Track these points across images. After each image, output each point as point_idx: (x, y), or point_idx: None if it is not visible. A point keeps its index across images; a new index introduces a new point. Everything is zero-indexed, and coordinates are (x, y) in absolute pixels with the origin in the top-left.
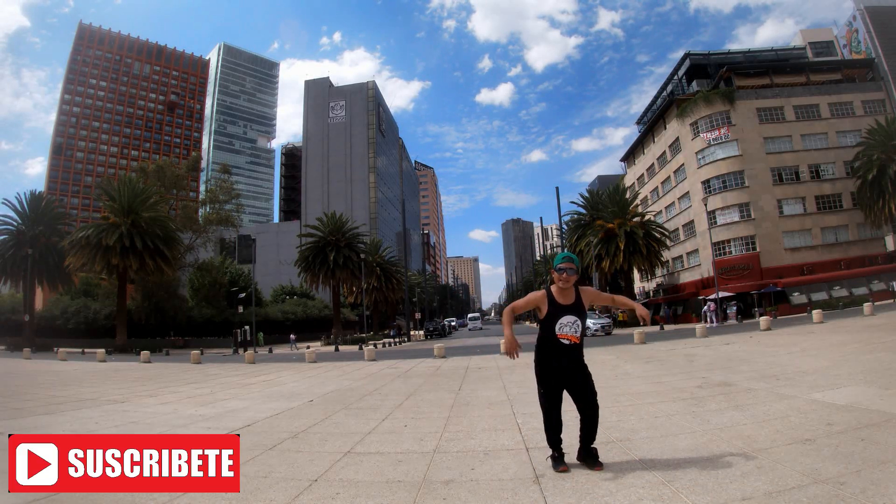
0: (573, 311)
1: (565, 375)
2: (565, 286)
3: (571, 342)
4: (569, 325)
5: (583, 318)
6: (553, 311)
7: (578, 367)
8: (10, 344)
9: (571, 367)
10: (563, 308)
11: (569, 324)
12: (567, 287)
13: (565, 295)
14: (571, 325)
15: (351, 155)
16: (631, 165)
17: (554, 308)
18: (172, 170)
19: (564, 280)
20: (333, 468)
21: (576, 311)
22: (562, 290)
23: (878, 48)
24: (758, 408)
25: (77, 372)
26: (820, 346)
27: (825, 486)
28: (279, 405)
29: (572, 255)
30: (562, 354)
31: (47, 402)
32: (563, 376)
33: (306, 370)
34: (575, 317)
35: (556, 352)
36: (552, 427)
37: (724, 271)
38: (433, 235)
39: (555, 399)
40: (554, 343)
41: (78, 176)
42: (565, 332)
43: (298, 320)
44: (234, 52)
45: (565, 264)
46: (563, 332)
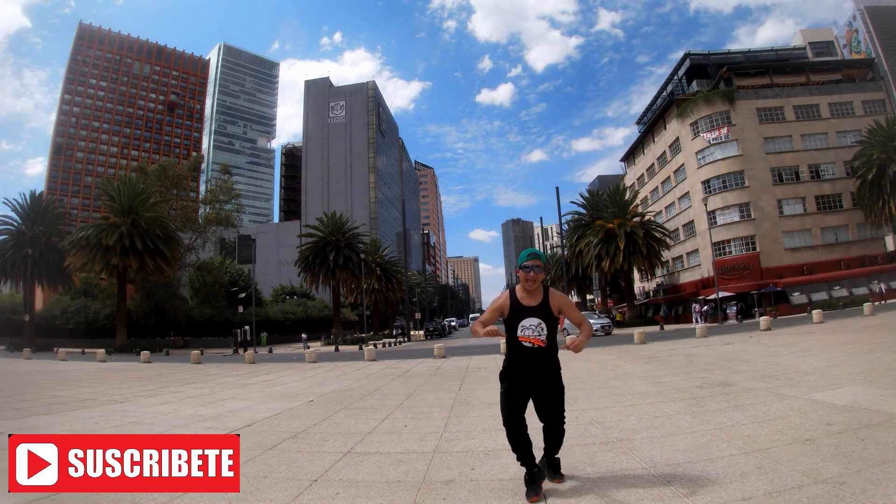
0: (537, 314)
1: (530, 384)
2: (531, 287)
3: (535, 345)
4: (531, 327)
5: (549, 321)
6: (514, 312)
7: (545, 376)
8: (10, 344)
9: (537, 374)
10: (525, 309)
11: (531, 326)
12: (534, 288)
13: (531, 296)
14: (535, 329)
15: (351, 155)
16: (631, 165)
17: (516, 309)
18: (174, 169)
19: (531, 280)
20: (333, 468)
21: (540, 314)
22: (527, 291)
23: (878, 48)
24: (758, 408)
25: (77, 372)
26: (820, 346)
27: (825, 486)
28: (279, 405)
29: (538, 252)
30: (525, 359)
31: (47, 402)
32: (527, 384)
33: (306, 370)
34: (539, 319)
35: (519, 356)
36: (515, 442)
37: (724, 271)
38: (433, 235)
39: (516, 408)
40: (516, 347)
41: (78, 176)
42: (527, 336)
43: (298, 320)
44: (234, 52)
45: (531, 261)
46: (524, 335)
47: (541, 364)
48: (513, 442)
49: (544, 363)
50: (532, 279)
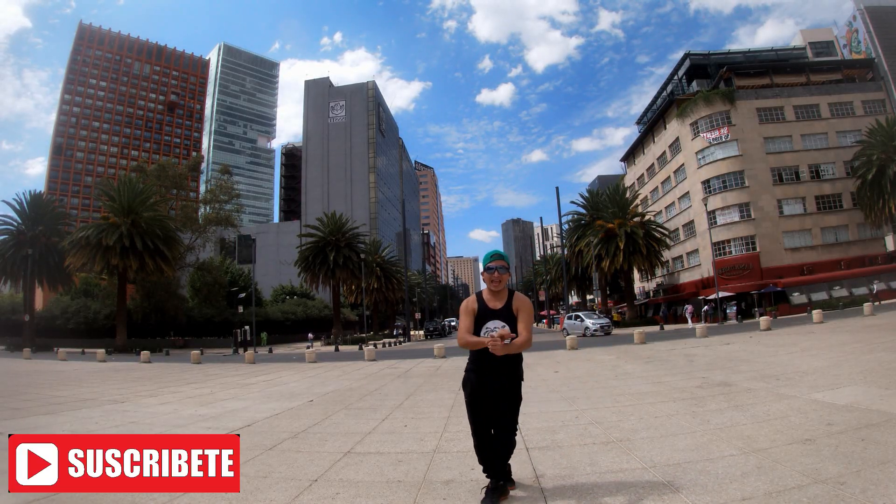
0: (501, 316)
1: (492, 387)
2: (497, 287)
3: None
4: (496, 330)
5: (514, 325)
6: (481, 315)
7: (506, 382)
8: (10, 344)
9: (500, 378)
10: (490, 312)
11: (495, 329)
12: (499, 289)
13: (496, 298)
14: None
15: (351, 155)
16: (631, 165)
17: (481, 312)
18: (173, 169)
19: (496, 281)
20: (333, 468)
21: (505, 317)
22: (493, 293)
23: (878, 48)
24: (758, 408)
25: (77, 372)
26: (820, 346)
27: (825, 486)
28: (279, 405)
29: (502, 253)
30: (487, 362)
31: (47, 401)
32: (490, 388)
33: (306, 370)
34: (503, 322)
35: (483, 360)
36: (480, 445)
37: (724, 271)
38: (433, 235)
39: (479, 409)
40: (480, 350)
41: (78, 176)
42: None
43: (298, 320)
44: (234, 52)
45: (495, 262)
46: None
47: (503, 371)
48: (479, 451)
49: (506, 370)
50: (497, 280)
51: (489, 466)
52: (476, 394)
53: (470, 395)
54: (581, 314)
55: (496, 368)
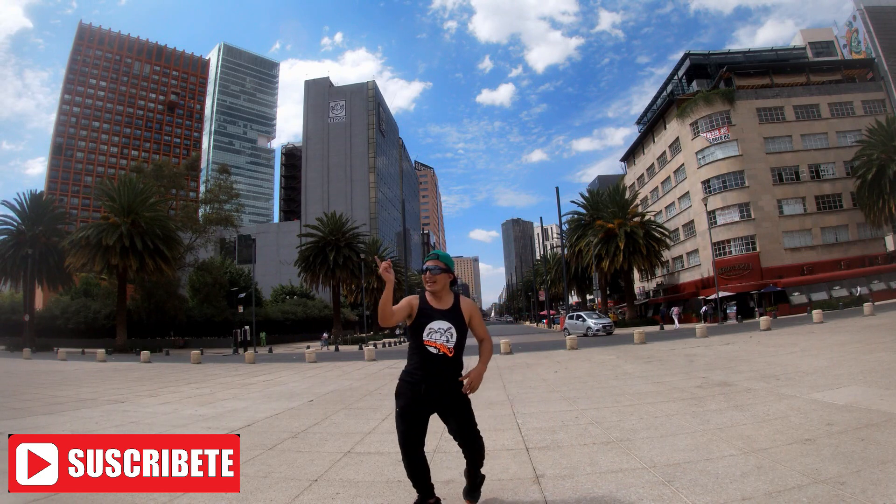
0: (447, 318)
1: (431, 396)
2: (432, 288)
3: (441, 352)
4: (440, 331)
5: (459, 328)
6: (422, 314)
7: (450, 389)
8: (10, 344)
9: (441, 385)
10: (434, 311)
11: (440, 330)
12: (436, 290)
13: (440, 300)
14: (443, 333)
15: (351, 155)
16: (631, 165)
17: (424, 311)
18: (170, 168)
19: (430, 281)
20: (333, 468)
21: (451, 319)
22: (433, 295)
23: (878, 48)
24: (758, 408)
25: (77, 372)
26: (820, 346)
27: (825, 486)
28: (279, 405)
29: (440, 253)
30: (427, 366)
31: (47, 401)
32: (428, 396)
33: (306, 370)
34: (449, 324)
35: (423, 362)
36: (410, 462)
37: (724, 271)
38: (433, 235)
39: (413, 423)
40: (421, 352)
41: (78, 176)
42: (434, 340)
43: (298, 320)
44: (234, 52)
45: (431, 262)
46: (431, 340)
47: (445, 376)
48: (409, 468)
49: (449, 376)
50: (430, 280)
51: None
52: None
53: (403, 406)
54: (583, 314)
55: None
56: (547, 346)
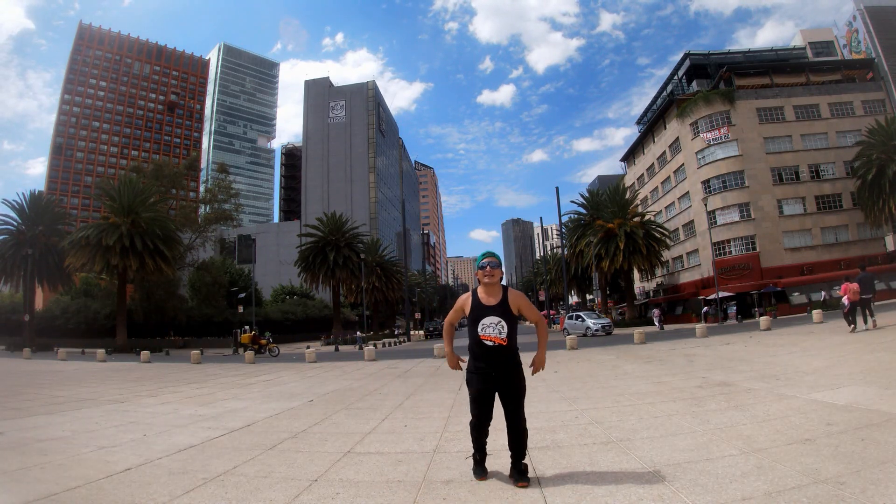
0: (497, 312)
1: (493, 380)
2: (490, 280)
3: (496, 344)
4: (492, 326)
5: (509, 319)
6: (475, 311)
7: (509, 373)
8: (10, 344)
9: (500, 371)
10: (485, 308)
11: (492, 325)
12: (492, 282)
13: (490, 293)
14: (494, 327)
15: (351, 155)
16: (631, 165)
17: (476, 308)
18: (170, 168)
19: (488, 273)
20: (333, 468)
21: (500, 312)
22: (487, 288)
23: (878, 48)
24: (758, 408)
25: (77, 372)
26: (820, 346)
27: (825, 486)
28: (279, 405)
29: (493, 252)
30: (487, 357)
31: (47, 401)
32: (491, 381)
33: (306, 370)
34: (498, 318)
35: (482, 354)
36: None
37: (724, 271)
38: (433, 235)
39: (482, 405)
40: (478, 345)
41: (78, 176)
42: (488, 334)
43: (298, 320)
44: (234, 52)
45: (486, 259)
46: (485, 334)
47: (503, 364)
48: (476, 441)
49: (506, 363)
50: (489, 274)
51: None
52: (480, 391)
53: (476, 392)
54: (582, 314)
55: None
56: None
